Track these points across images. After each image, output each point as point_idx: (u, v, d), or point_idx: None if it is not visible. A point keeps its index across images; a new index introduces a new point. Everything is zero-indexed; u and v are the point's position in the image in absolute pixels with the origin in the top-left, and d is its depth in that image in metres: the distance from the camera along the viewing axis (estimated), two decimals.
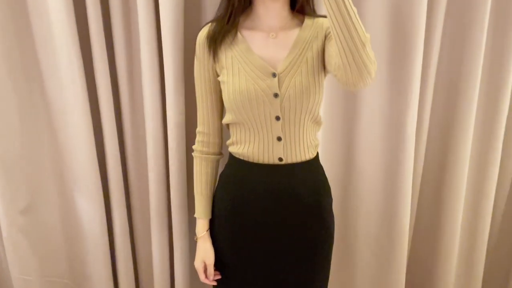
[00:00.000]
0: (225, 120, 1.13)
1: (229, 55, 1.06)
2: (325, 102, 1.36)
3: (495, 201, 1.61)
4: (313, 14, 1.12)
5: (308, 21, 1.09)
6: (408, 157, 1.40)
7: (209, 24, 1.10)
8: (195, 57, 1.12)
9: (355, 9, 0.82)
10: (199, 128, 1.17)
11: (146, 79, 1.28)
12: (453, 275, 1.61)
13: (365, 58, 0.85)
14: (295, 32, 1.07)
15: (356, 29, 0.82)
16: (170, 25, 1.21)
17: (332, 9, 0.81)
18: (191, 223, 1.47)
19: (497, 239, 1.71)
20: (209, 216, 1.18)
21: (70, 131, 1.33)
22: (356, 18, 0.82)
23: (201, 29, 1.13)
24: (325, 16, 1.09)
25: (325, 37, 1.06)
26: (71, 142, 1.34)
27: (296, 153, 1.09)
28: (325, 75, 1.09)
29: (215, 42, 1.06)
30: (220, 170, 1.22)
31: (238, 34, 1.07)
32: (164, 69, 1.25)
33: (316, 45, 1.06)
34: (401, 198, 1.44)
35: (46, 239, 1.49)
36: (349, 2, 0.81)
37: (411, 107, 1.36)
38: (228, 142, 1.16)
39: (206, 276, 1.17)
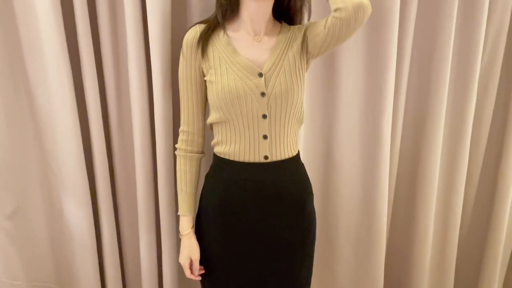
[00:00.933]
0: (210, 120, 1.17)
1: (216, 56, 1.11)
2: (305, 103, 1.41)
3: (465, 194, 1.69)
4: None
5: (285, 25, 1.19)
6: (385, 154, 1.48)
7: (198, 25, 1.15)
8: (182, 56, 1.15)
9: None
10: (182, 127, 1.20)
11: (133, 75, 1.29)
12: (427, 266, 1.69)
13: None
14: (277, 37, 1.16)
15: None
16: (157, 20, 1.22)
17: None
18: (179, 220, 1.50)
19: (468, 230, 1.80)
20: (193, 214, 1.22)
21: (58, 134, 1.33)
22: None
23: (188, 26, 1.16)
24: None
25: (305, 32, 1.15)
26: (58, 145, 1.35)
27: (281, 150, 1.14)
28: (306, 70, 1.17)
29: (205, 42, 1.11)
30: (203, 170, 1.26)
31: (225, 36, 1.13)
32: (151, 63, 1.27)
33: (296, 44, 1.15)
34: (379, 193, 1.51)
35: (33, 244, 1.48)
36: None
37: (386, 108, 1.43)
38: (212, 142, 1.20)
39: (192, 272, 1.21)
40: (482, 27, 1.44)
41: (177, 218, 1.47)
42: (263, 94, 1.09)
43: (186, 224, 1.20)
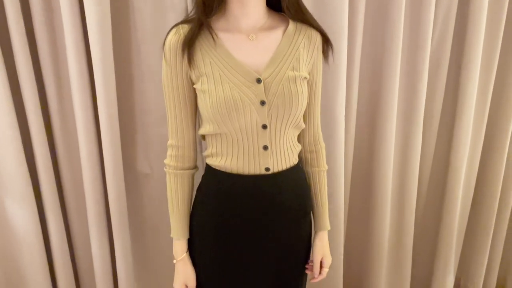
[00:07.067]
0: (202, 131, 1.04)
1: (207, 61, 0.96)
2: None
3: (420, 173, 1.72)
4: (297, 14, 1.03)
5: (291, 26, 1.02)
6: (340, 140, 1.47)
7: (180, 25, 0.98)
8: (164, 62, 0.98)
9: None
10: (171, 141, 1.04)
11: (73, 72, 1.23)
12: (386, 245, 1.72)
13: None
14: (276, 34, 1.01)
15: None
16: (96, 13, 1.15)
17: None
18: (130, 216, 1.46)
19: (423, 210, 1.84)
20: (187, 236, 1.09)
21: None
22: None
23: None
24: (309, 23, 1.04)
25: (312, 66, 1.04)
26: None
27: (282, 160, 1.03)
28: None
29: (191, 47, 0.95)
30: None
31: (215, 37, 0.97)
32: (92, 55, 1.21)
33: (304, 55, 1.02)
34: (336, 179, 1.52)
35: None
36: None
37: (339, 94, 1.42)
38: (205, 153, 1.07)
39: None
40: (431, 11, 1.45)
41: (129, 213, 1.44)
42: (262, 102, 0.95)
43: (180, 248, 1.08)
